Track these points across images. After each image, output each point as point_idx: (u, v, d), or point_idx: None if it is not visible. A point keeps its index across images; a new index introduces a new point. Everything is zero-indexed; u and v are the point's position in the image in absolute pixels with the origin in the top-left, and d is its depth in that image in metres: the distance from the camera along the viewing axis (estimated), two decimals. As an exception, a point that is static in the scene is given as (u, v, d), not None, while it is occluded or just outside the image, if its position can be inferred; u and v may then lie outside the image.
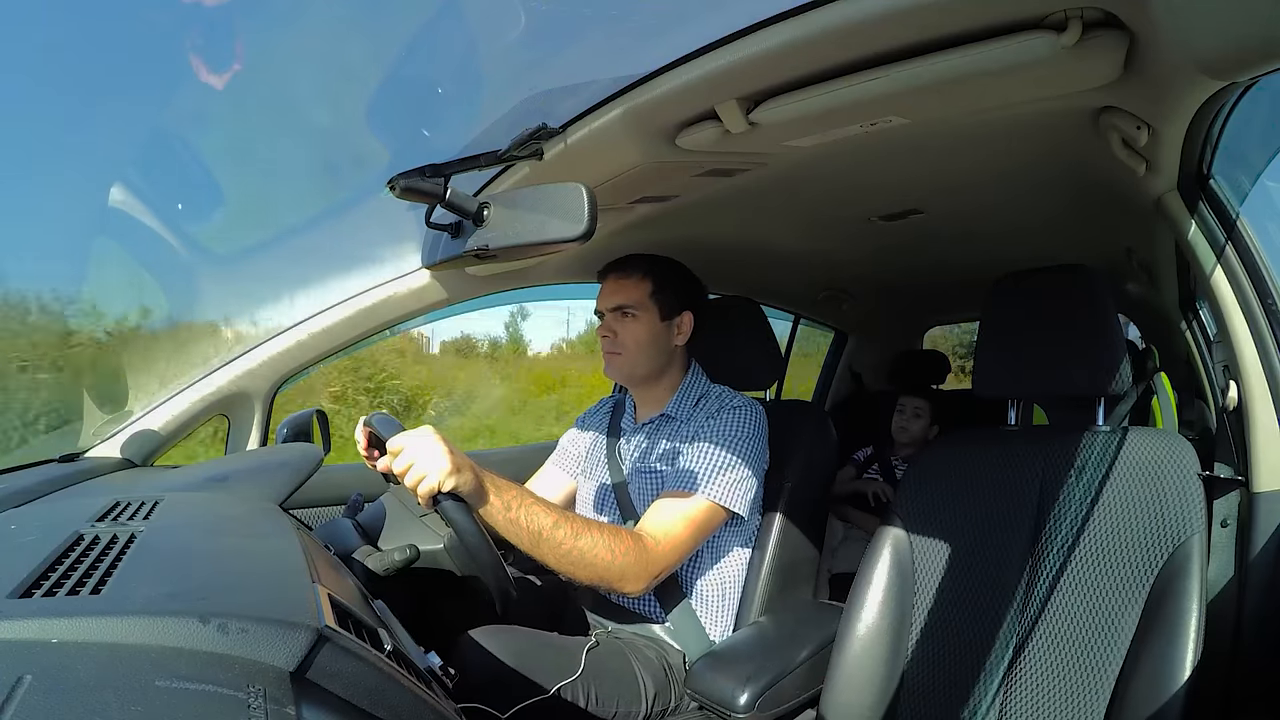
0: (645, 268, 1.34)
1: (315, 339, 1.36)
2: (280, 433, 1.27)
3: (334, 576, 0.65)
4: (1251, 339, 0.99)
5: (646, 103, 0.93)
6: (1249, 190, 1.05)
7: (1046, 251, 1.79)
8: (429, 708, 0.52)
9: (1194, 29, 0.66)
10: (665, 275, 1.34)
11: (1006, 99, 0.92)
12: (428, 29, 1.14)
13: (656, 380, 1.36)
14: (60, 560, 0.50)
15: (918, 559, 1.12)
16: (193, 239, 1.41)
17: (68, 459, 1.18)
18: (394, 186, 0.87)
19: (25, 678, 0.35)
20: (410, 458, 0.88)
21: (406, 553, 0.98)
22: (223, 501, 0.85)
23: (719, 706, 1.10)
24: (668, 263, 1.37)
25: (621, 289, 1.32)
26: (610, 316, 1.33)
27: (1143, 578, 0.93)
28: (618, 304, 1.32)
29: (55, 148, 1.42)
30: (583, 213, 0.78)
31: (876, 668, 1.08)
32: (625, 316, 1.31)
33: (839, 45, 0.79)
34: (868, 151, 1.15)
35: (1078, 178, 1.28)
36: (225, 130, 1.43)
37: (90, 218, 1.36)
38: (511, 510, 0.95)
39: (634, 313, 1.31)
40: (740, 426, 1.23)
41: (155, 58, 1.34)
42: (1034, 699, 0.97)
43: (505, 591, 0.90)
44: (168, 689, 0.37)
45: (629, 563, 1.04)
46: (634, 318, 1.31)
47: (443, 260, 1.30)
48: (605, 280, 1.37)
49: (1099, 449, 1.03)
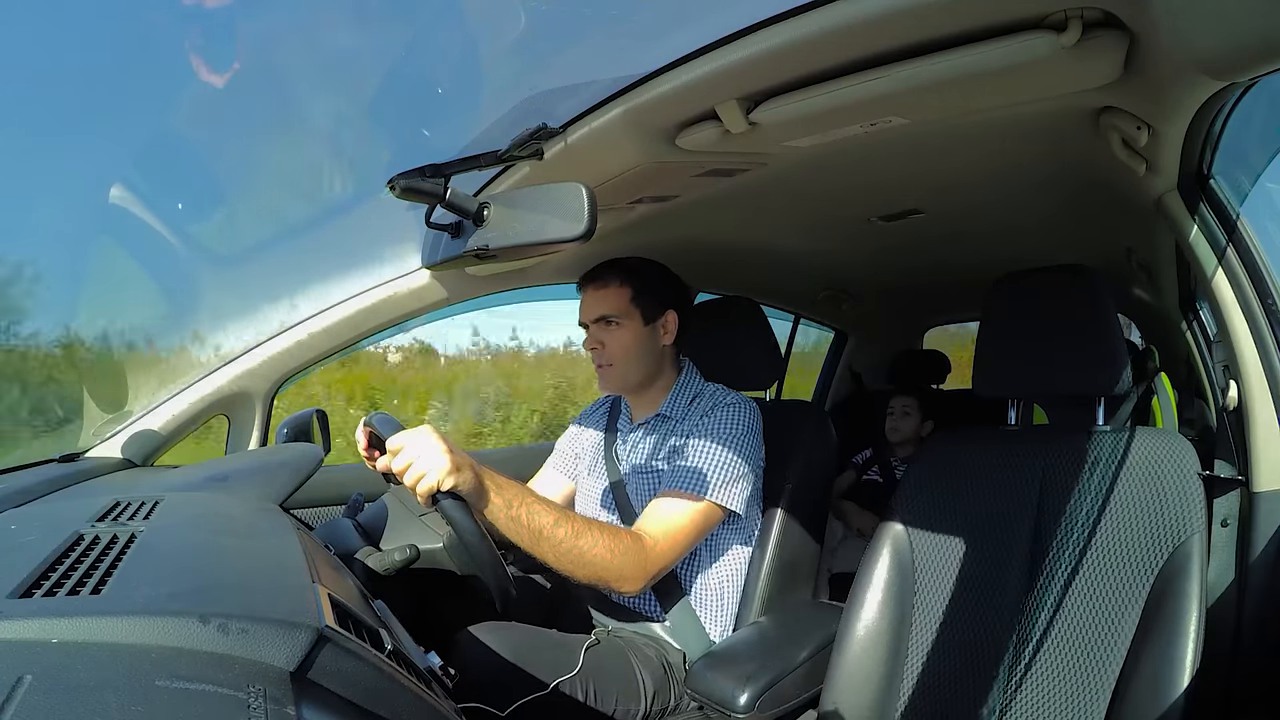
0: (622, 274, 1.32)
1: (315, 339, 1.36)
2: (280, 433, 1.27)
3: (334, 576, 0.65)
4: (1251, 339, 0.99)
5: (646, 103, 0.93)
6: (1249, 190, 1.05)
7: (1046, 251, 1.79)
8: (429, 707, 0.52)
9: (1194, 29, 0.66)
10: (643, 278, 1.33)
11: (1006, 99, 0.92)
12: (428, 29, 1.14)
13: (650, 384, 1.36)
14: (60, 560, 0.50)
15: (918, 559, 1.12)
16: (193, 239, 1.41)
17: (68, 459, 1.18)
18: (394, 186, 0.87)
19: (25, 678, 0.35)
20: (409, 456, 0.88)
21: (407, 553, 0.98)
22: (223, 501, 0.85)
23: (719, 706, 1.10)
24: (644, 264, 1.36)
25: (601, 299, 1.31)
26: (594, 328, 1.32)
27: (1143, 577, 0.93)
28: (600, 314, 1.31)
29: (55, 148, 1.42)
30: (583, 212, 0.78)
31: (876, 668, 1.08)
32: (609, 325, 1.31)
33: (839, 45, 0.79)
34: (868, 151, 1.15)
35: (1078, 178, 1.28)
36: (225, 130, 1.43)
37: (90, 217, 1.36)
38: (512, 509, 0.95)
39: (617, 321, 1.30)
40: (734, 424, 1.23)
41: (155, 58, 1.34)
42: (1034, 699, 0.97)
43: (505, 590, 0.90)
44: (168, 689, 0.37)
45: (627, 562, 1.04)
46: (618, 325, 1.30)
47: (443, 260, 1.30)
48: (584, 291, 1.35)
49: (1099, 449, 1.03)
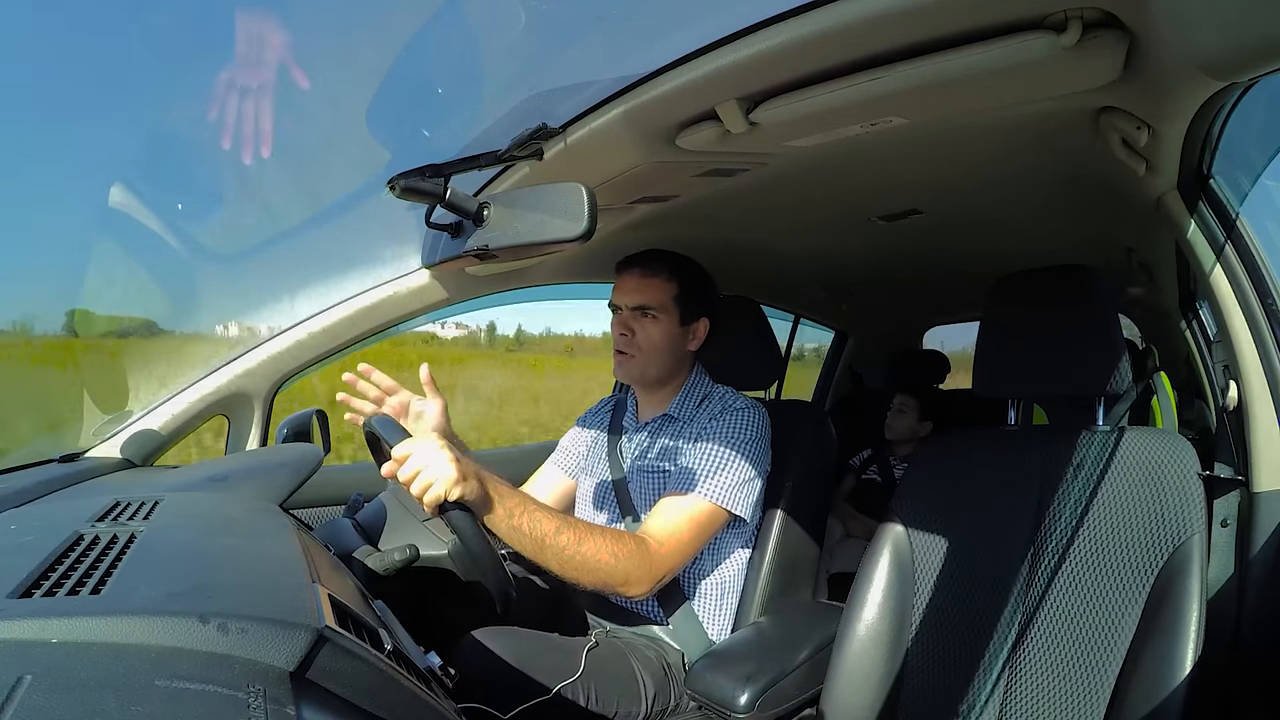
0: (672, 269, 1.28)
1: (315, 339, 1.36)
2: (280, 433, 1.28)
3: (334, 576, 0.65)
4: (1251, 339, 0.99)
5: (646, 103, 0.93)
6: (1249, 190, 1.05)
7: (1046, 251, 1.79)
8: (429, 708, 0.52)
9: (1194, 29, 0.66)
10: (691, 279, 1.30)
11: (1006, 99, 0.92)
12: (428, 29, 1.14)
13: (664, 383, 1.34)
14: (60, 560, 0.50)
15: (918, 558, 1.12)
16: (193, 239, 1.41)
17: (68, 459, 1.18)
18: (394, 186, 0.87)
19: (25, 678, 0.35)
20: (416, 465, 0.87)
21: (406, 553, 0.98)
22: (223, 501, 0.85)
23: (719, 706, 1.10)
24: (694, 266, 1.32)
25: (646, 288, 1.27)
26: (629, 314, 1.28)
27: (1143, 577, 0.93)
28: (640, 303, 1.27)
29: (55, 147, 1.42)
30: (583, 212, 0.78)
31: (876, 668, 1.08)
32: (645, 316, 1.27)
33: (839, 45, 0.79)
34: (868, 151, 1.15)
35: (1078, 178, 1.28)
36: (225, 130, 1.43)
37: (89, 217, 1.36)
38: (515, 518, 0.94)
39: (655, 314, 1.26)
40: (743, 429, 1.22)
41: (155, 57, 1.34)
42: (1034, 699, 0.97)
43: (506, 594, 0.91)
44: (168, 689, 0.37)
45: (633, 566, 1.04)
46: (654, 319, 1.27)
47: (443, 260, 1.30)
48: (627, 274, 1.30)
49: (1099, 449, 1.03)
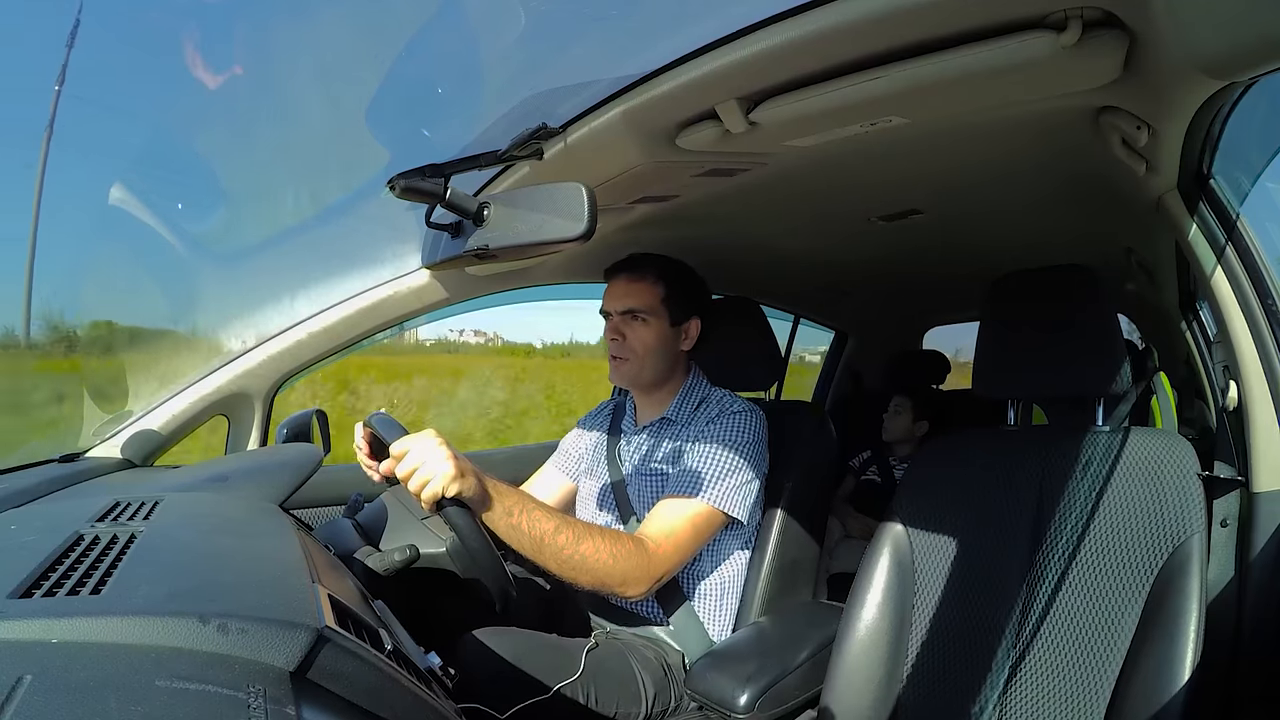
0: (658, 271, 1.30)
1: (315, 339, 1.36)
2: (280, 433, 1.27)
3: (334, 576, 0.65)
4: (1251, 339, 0.99)
5: (646, 103, 0.93)
6: (1249, 190, 1.05)
7: (1046, 251, 1.79)
8: (429, 708, 0.52)
9: (1194, 29, 0.66)
10: (678, 280, 1.31)
11: (1006, 99, 0.92)
12: (428, 29, 1.14)
13: (660, 385, 1.35)
14: (60, 560, 0.50)
15: (918, 558, 1.12)
16: (193, 239, 1.41)
17: (68, 459, 1.18)
18: (394, 186, 0.87)
19: (25, 678, 0.35)
20: (414, 462, 0.87)
21: (406, 553, 0.98)
22: (223, 501, 0.85)
23: (719, 706, 1.10)
24: (680, 267, 1.34)
25: (634, 292, 1.29)
26: (619, 319, 1.30)
27: (1143, 578, 0.93)
28: (629, 307, 1.28)
29: (55, 147, 1.42)
30: (583, 212, 0.78)
31: (876, 668, 1.08)
32: (635, 320, 1.28)
33: (839, 45, 0.79)
34: (868, 151, 1.15)
35: (1078, 178, 1.28)
36: (225, 130, 1.43)
37: (89, 217, 1.36)
38: (513, 516, 0.95)
39: (645, 317, 1.28)
40: (741, 432, 1.23)
41: (155, 58, 1.34)
42: (1034, 699, 0.97)
43: (506, 593, 0.90)
44: (168, 689, 0.37)
45: (631, 566, 1.04)
46: (644, 322, 1.28)
47: (443, 260, 1.30)
48: (615, 280, 1.32)
49: (1098, 449, 1.03)
